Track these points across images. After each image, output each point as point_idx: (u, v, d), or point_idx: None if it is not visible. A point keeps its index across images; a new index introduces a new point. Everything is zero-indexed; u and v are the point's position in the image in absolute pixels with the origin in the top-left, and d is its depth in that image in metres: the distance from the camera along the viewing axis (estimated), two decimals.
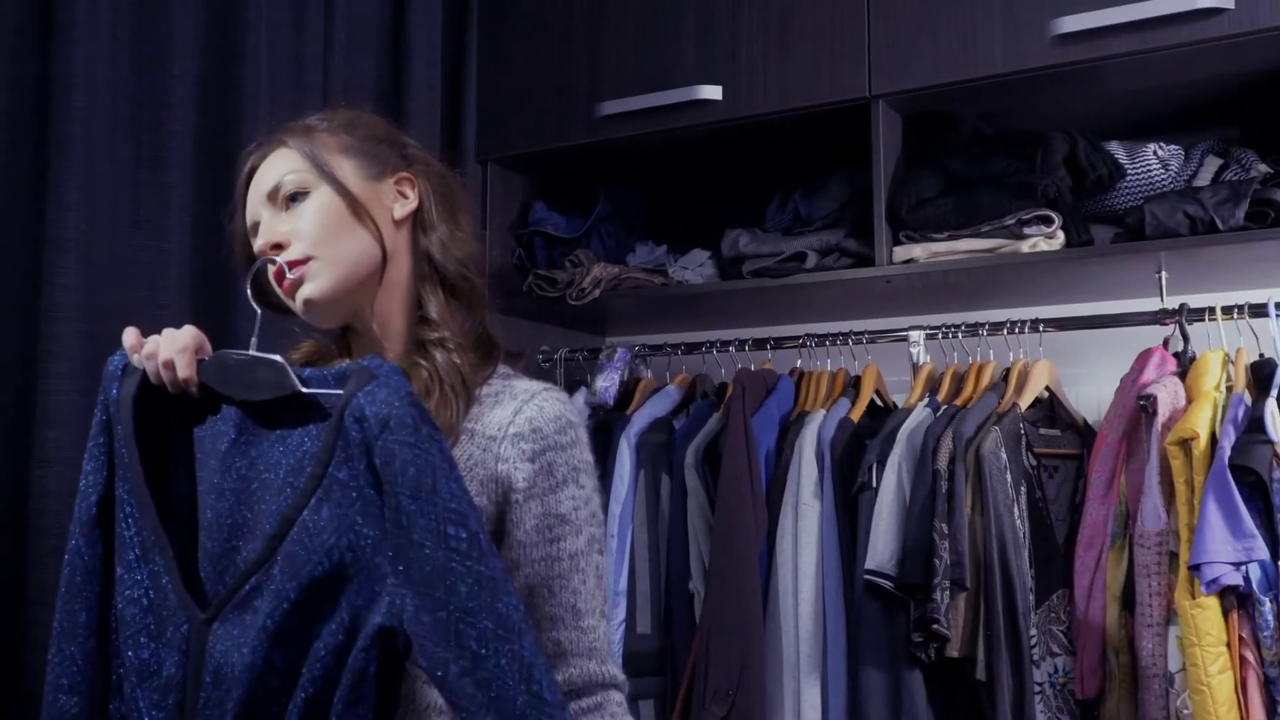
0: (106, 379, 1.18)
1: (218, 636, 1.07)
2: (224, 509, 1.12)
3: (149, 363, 1.15)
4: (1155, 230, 1.84)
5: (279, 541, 1.06)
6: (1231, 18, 1.77)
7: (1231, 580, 1.68)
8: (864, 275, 2.05)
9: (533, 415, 1.23)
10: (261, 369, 1.13)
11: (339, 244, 1.23)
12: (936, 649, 1.85)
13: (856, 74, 2.05)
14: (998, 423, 1.94)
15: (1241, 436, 1.75)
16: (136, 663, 1.09)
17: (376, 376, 1.07)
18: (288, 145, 1.28)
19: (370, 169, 1.28)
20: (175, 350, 1.14)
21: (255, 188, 1.28)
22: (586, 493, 1.23)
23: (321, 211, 1.24)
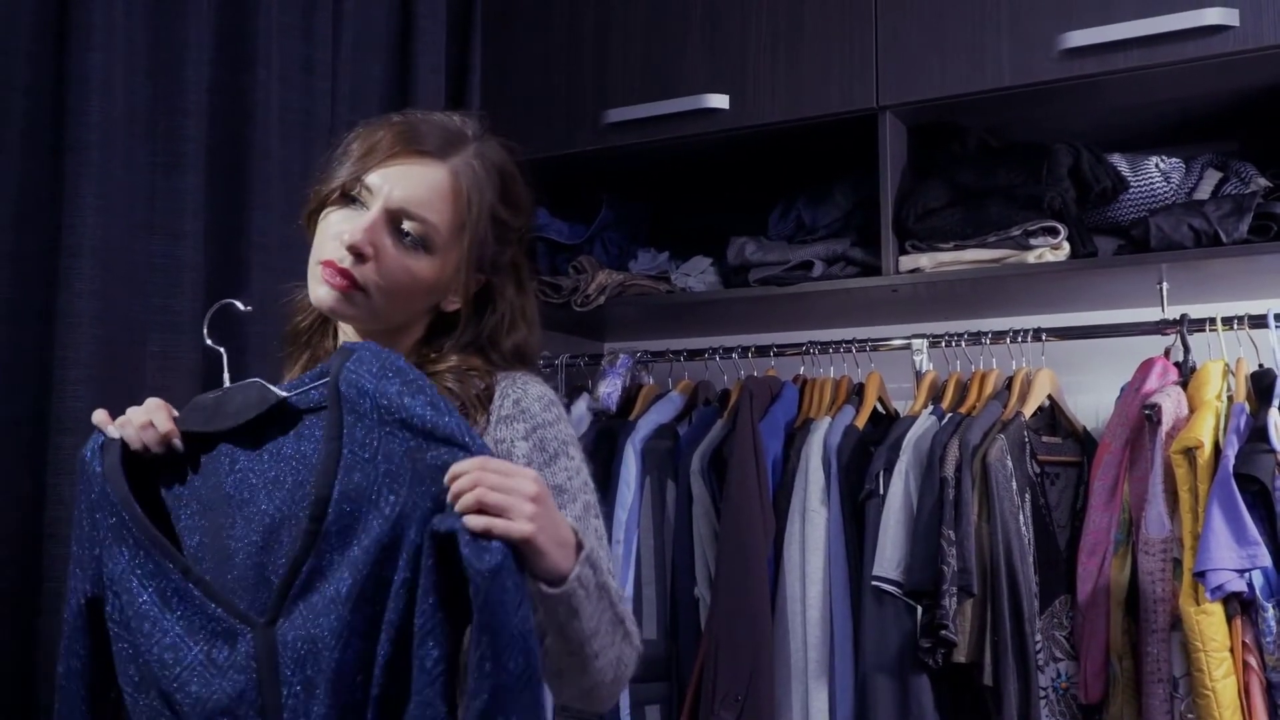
0: (85, 465, 1.18)
1: (285, 630, 1.08)
2: (240, 540, 1.13)
3: (126, 430, 1.16)
4: (1160, 242, 1.88)
5: (321, 520, 1.08)
6: (1236, 35, 1.81)
7: (1236, 587, 1.71)
8: (870, 284, 2.08)
9: (518, 398, 1.27)
10: (239, 394, 1.17)
11: (398, 303, 1.25)
12: (944, 654, 1.87)
13: (864, 85, 2.08)
14: (1003, 431, 1.97)
15: (1245, 446, 1.78)
16: (191, 702, 1.10)
17: (354, 351, 1.12)
18: (458, 181, 1.26)
19: (479, 255, 1.28)
20: (150, 411, 1.17)
21: (399, 179, 1.24)
22: (576, 463, 1.27)
23: (414, 278, 1.24)
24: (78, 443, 1.65)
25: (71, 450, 1.66)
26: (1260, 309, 1.94)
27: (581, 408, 2.40)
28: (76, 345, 1.67)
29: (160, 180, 1.83)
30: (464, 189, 1.26)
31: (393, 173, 1.24)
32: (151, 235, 1.82)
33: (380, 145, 1.25)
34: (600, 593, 1.12)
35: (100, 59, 1.72)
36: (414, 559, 1.04)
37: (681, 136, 2.23)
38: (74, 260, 1.68)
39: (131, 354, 1.75)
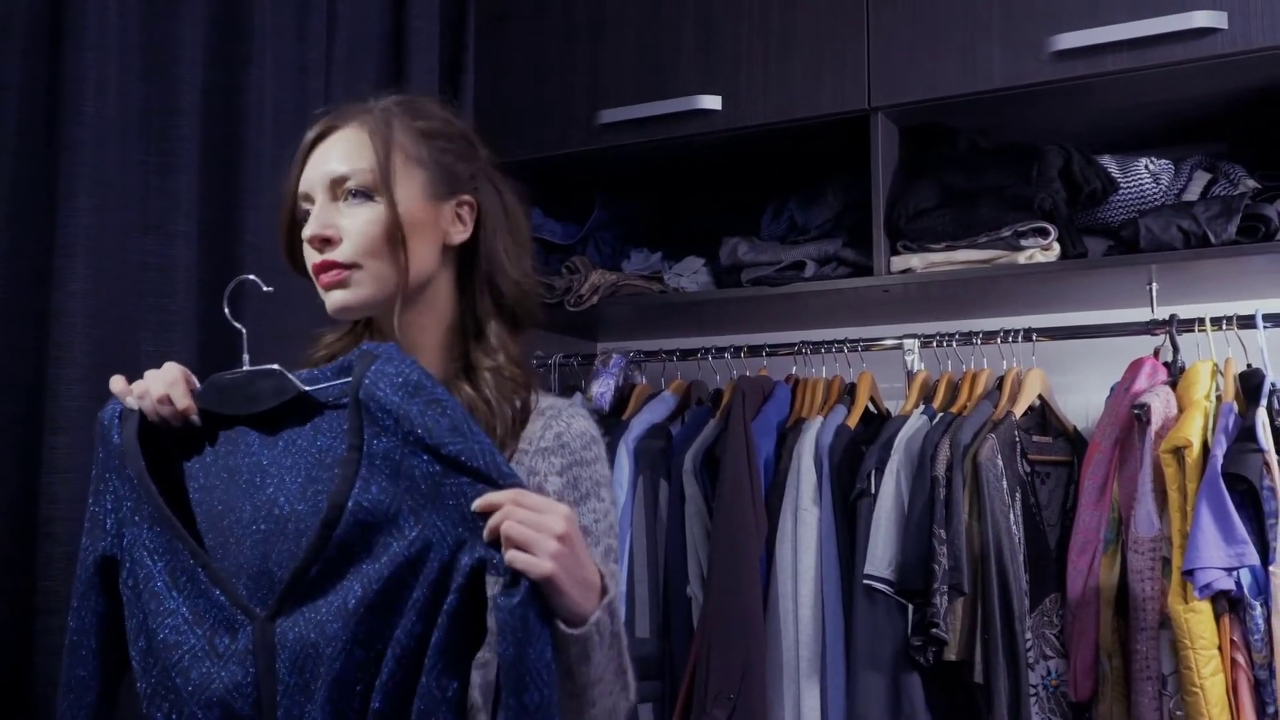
0: (104, 431, 1.18)
1: (286, 629, 1.09)
2: (246, 525, 1.14)
3: (144, 402, 1.17)
4: (1149, 243, 1.89)
5: (333, 528, 1.08)
6: (1225, 37, 1.82)
7: (1224, 585, 1.73)
8: (862, 284, 2.09)
9: (560, 431, 1.26)
10: (259, 381, 1.16)
11: (386, 259, 1.23)
12: (935, 652, 1.88)
13: (856, 86, 2.09)
14: (994, 430, 1.98)
15: (1233, 445, 1.79)
16: (190, 687, 1.11)
17: (379, 355, 1.12)
18: (364, 130, 1.26)
19: (437, 188, 1.27)
20: (167, 384, 1.16)
21: (319, 161, 1.26)
22: (605, 505, 1.27)
23: (379, 223, 1.23)
24: (71, 442, 1.66)
25: (66, 450, 1.67)
26: (1248, 309, 1.96)
27: None
28: (70, 344, 1.67)
29: (154, 180, 1.83)
30: (371, 129, 1.26)
31: (312, 162, 1.27)
32: (146, 235, 1.82)
33: (299, 151, 1.29)
34: (613, 640, 1.13)
35: (94, 59, 1.72)
36: (432, 583, 1.05)
37: (675, 137, 2.24)
38: (68, 260, 1.68)
39: (125, 353, 1.75)
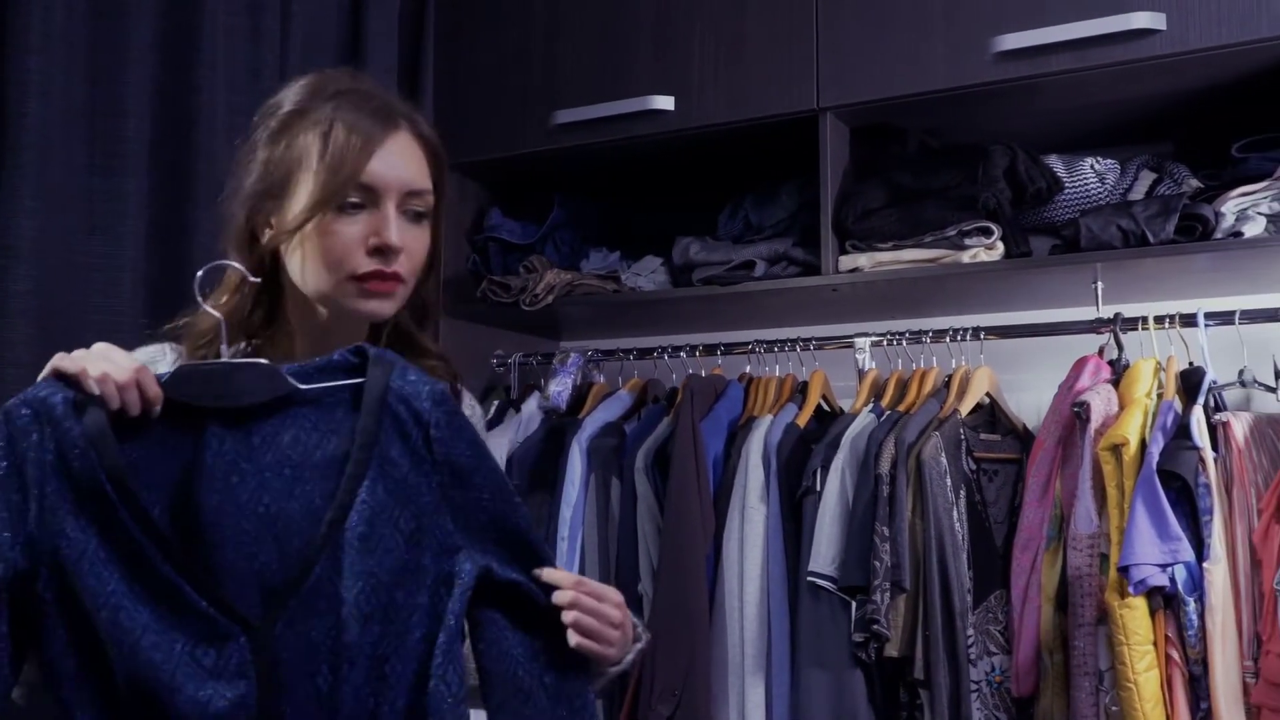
0: (44, 417, 1.04)
1: (288, 636, 1.05)
2: (226, 526, 1.07)
3: (104, 387, 1.05)
4: (1090, 242, 1.90)
5: (338, 528, 1.06)
6: (1164, 38, 1.83)
7: (1158, 581, 1.74)
8: (810, 284, 2.10)
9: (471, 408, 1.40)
10: (243, 373, 1.11)
11: (414, 279, 1.27)
12: (877, 649, 1.89)
13: (805, 87, 2.10)
14: (938, 428, 1.99)
15: (1170, 443, 1.81)
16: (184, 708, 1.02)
17: (394, 363, 1.13)
18: (419, 145, 1.25)
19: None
20: (134, 369, 1.07)
21: (393, 164, 1.21)
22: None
23: (427, 247, 1.26)
24: None
25: None
26: (1192, 308, 1.97)
27: (532, 406, 2.42)
28: (13, 344, 1.69)
29: (99, 181, 1.85)
30: (435, 147, 1.27)
31: (388, 157, 1.22)
32: (91, 236, 1.83)
33: (362, 131, 1.21)
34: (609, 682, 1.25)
35: (39, 61, 1.73)
36: (433, 586, 1.08)
37: (629, 137, 2.26)
38: (12, 260, 1.70)
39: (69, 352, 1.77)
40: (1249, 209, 1.82)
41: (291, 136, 1.23)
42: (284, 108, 1.26)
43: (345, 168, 1.19)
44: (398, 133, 1.23)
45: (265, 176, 1.24)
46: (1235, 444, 1.81)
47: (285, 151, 1.23)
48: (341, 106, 1.22)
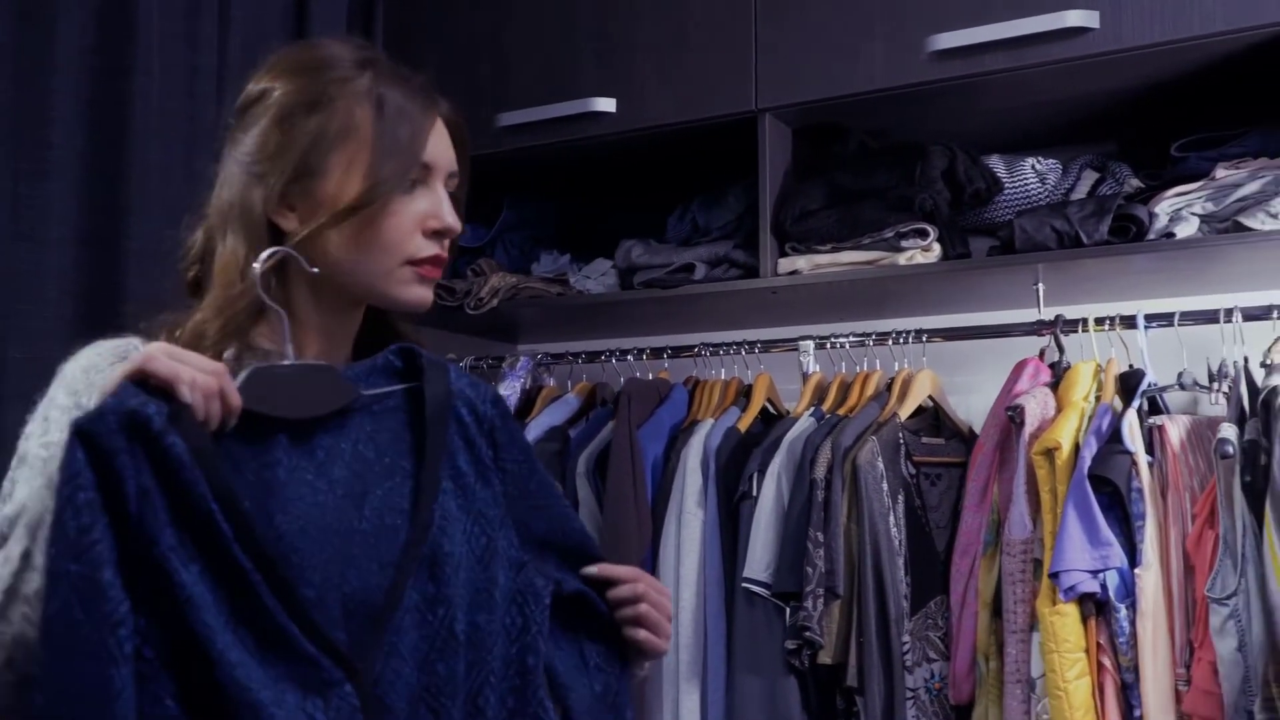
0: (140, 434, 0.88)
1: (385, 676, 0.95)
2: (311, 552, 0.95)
3: (195, 395, 0.92)
4: (1025, 244, 1.88)
5: (417, 550, 0.98)
6: (1097, 37, 1.81)
7: (1088, 588, 1.72)
8: (749, 286, 2.08)
9: None
10: (311, 379, 1.00)
11: None
12: (810, 656, 1.88)
13: (744, 88, 2.08)
14: (876, 432, 1.97)
15: (1103, 447, 1.78)
16: None
17: (449, 369, 1.08)
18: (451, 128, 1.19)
19: None
20: (218, 375, 0.95)
21: (444, 146, 1.16)
22: None
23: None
24: None
25: None
26: (1133, 309, 1.95)
27: None
28: None
29: (24, 188, 1.84)
30: (463, 129, 1.22)
31: (437, 141, 1.15)
32: (16, 242, 1.83)
33: (417, 104, 1.14)
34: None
35: None
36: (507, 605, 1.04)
37: (571, 139, 2.24)
38: None
39: None
40: (1183, 209, 1.80)
41: (328, 107, 1.11)
42: (303, 76, 1.13)
43: (413, 142, 1.11)
44: (439, 118, 1.17)
45: (293, 154, 1.10)
46: (1170, 448, 1.79)
47: (323, 123, 1.11)
48: (380, 76, 1.14)
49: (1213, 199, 1.78)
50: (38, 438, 1.02)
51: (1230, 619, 1.66)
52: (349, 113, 1.11)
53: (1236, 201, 1.75)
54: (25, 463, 1.01)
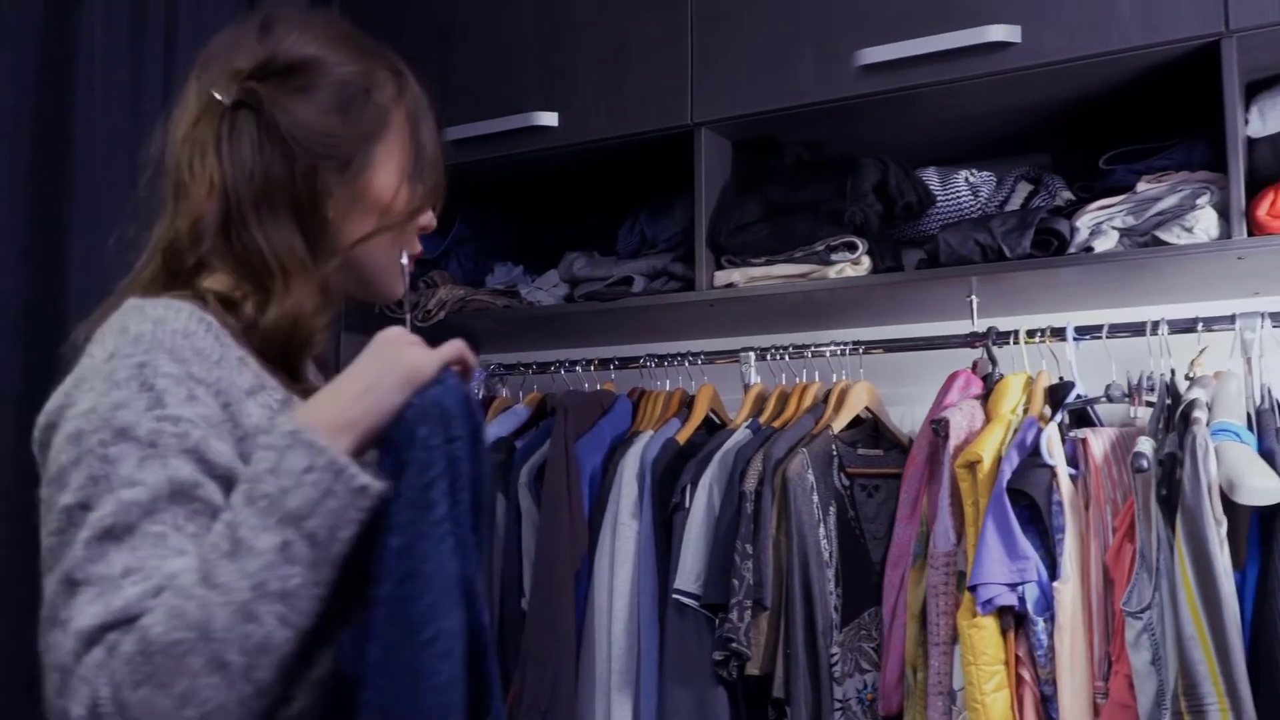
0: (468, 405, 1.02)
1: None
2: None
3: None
4: (949, 257, 1.89)
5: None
6: (1020, 50, 1.81)
7: (1006, 601, 1.73)
8: (685, 299, 2.10)
9: None
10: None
11: None
12: (738, 667, 1.89)
13: (680, 102, 2.10)
14: (808, 444, 1.98)
15: (1024, 460, 1.79)
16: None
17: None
18: None
19: None
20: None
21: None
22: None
23: None
24: None
25: None
26: (1065, 322, 1.95)
27: None
28: None
29: None
30: None
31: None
32: None
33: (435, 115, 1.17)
34: None
35: None
36: None
37: (515, 153, 2.26)
38: None
39: None
40: (1103, 223, 1.80)
41: (380, 96, 1.12)
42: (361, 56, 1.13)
43: (441, 149, 1.17)
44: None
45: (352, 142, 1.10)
46: (1093, 461, 1.79)
47: (378, 114, 1.12)
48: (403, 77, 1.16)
49: (1133, 213, 1.78)
50: (144, 410, 0.92)
51: (1144, 632, 1.66)
52: (396, 106, 1.13)
53: (1155, 215, 1.76)
54: (132, 438, 0.91)
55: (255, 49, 1.08)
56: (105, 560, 0.86)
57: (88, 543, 0.87)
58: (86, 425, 0.92)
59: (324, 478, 0.90)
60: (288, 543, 0.88)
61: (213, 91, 1.06)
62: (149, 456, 0.90)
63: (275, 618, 0.87)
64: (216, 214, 1.05)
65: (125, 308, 1.00)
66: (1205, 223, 1.70)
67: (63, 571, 0.87)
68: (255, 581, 0.86)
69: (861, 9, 1.94)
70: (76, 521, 0.89)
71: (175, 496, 0.90)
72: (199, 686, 0.83)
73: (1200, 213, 1.70)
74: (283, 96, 1.07)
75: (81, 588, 0.86)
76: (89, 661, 0.83)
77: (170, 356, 0.95)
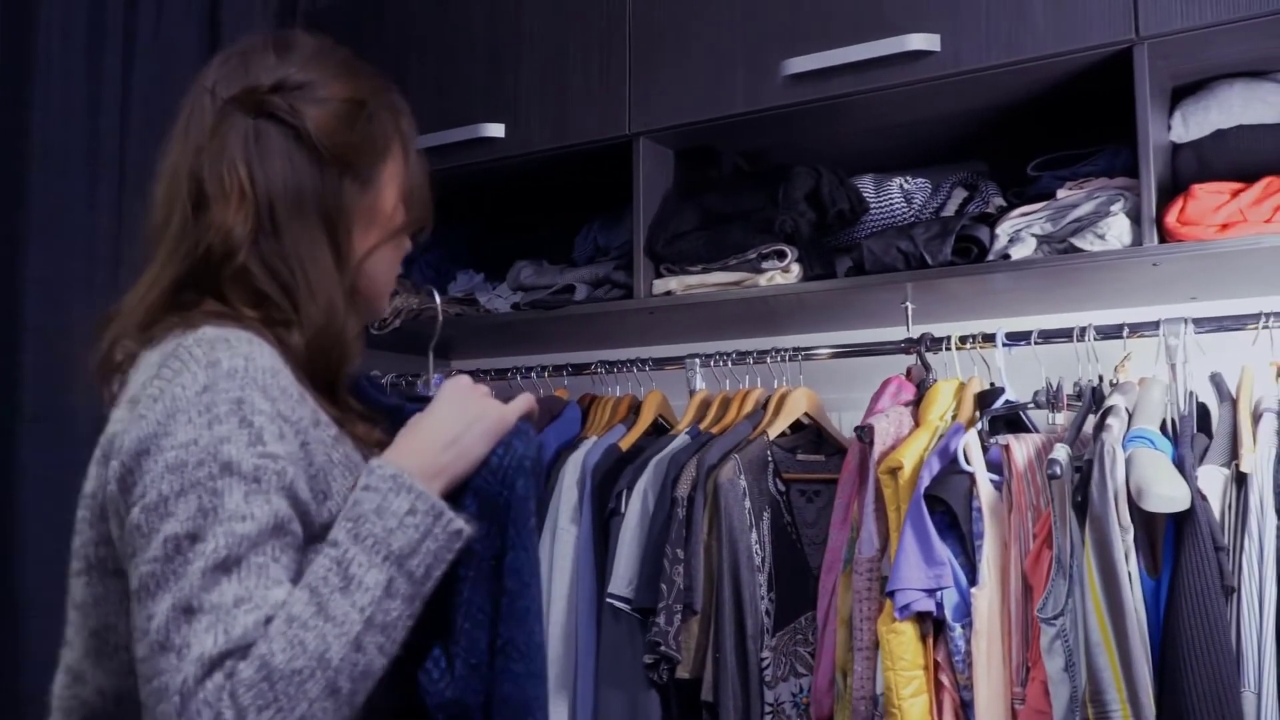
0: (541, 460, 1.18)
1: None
2: None
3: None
4: (873, 265, 1.90)
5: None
6: (938, 59, 1.83)
7: (923, 607, 1.74)
8: (625, 307, 2.13)
9: None
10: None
11: None
12: (669, 670, 1.91)
13: (618, 113, 2.13)
14: (741, 450, 2.00)
15: (946, 466, 1.80)
16: None
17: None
18: None
19: None
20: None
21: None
22: None
23: None
24: None
25: None
26: (996, 328, 1.96)
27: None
28: None
29: None
30: None
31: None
32: None
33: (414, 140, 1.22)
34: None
35: None
36: None
37: (466, 164, 2.30)
38: None
39: None
40: (1023, 230, 1.80)
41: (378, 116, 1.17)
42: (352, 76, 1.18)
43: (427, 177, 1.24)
44: None
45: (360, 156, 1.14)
46: (1015, 467, 1.79)
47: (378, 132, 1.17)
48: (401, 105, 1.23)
49: (1052, 219, 1.79)
50: (246, 446, 0.96)
51: (1058, 638, 1.66)
52: (394, 126, 1.19)
53: (1073, 222, 1.76)
54: (237, 474, 0.95)
55: (275, 65, 1.12)
56: (219, 590, 0.91)
57: (203, 573, 0.91)
58: (190, 457, 0.95)
59: (425, 520, 0.99)
60: (392, 579, 0.96)
61: (235, 104, 1.09)
62: (253, 492, 0.95)
63: (376, 648, 0.95)
64: (246, 228, 1.07)
65: (202, 338, 1.01)
66: (1118, 229, 1.70)
67: (176, 600, 0.91)
68: (366, 615, 0.94)
69: (790, 19, 1.96)
70: (185, 551, 0.93)
71: (275, 531, 0.96)
72: (315, 711, 0.91)
73: (1113, 219, 1.71)
74: (306, 107, 1.11)
75: (198, 615, 0.90)
76: (210, 686, 0.88)
77: (263, 394, 0.99)
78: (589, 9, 2.17)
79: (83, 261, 2.15)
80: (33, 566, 2.00)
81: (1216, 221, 1.63)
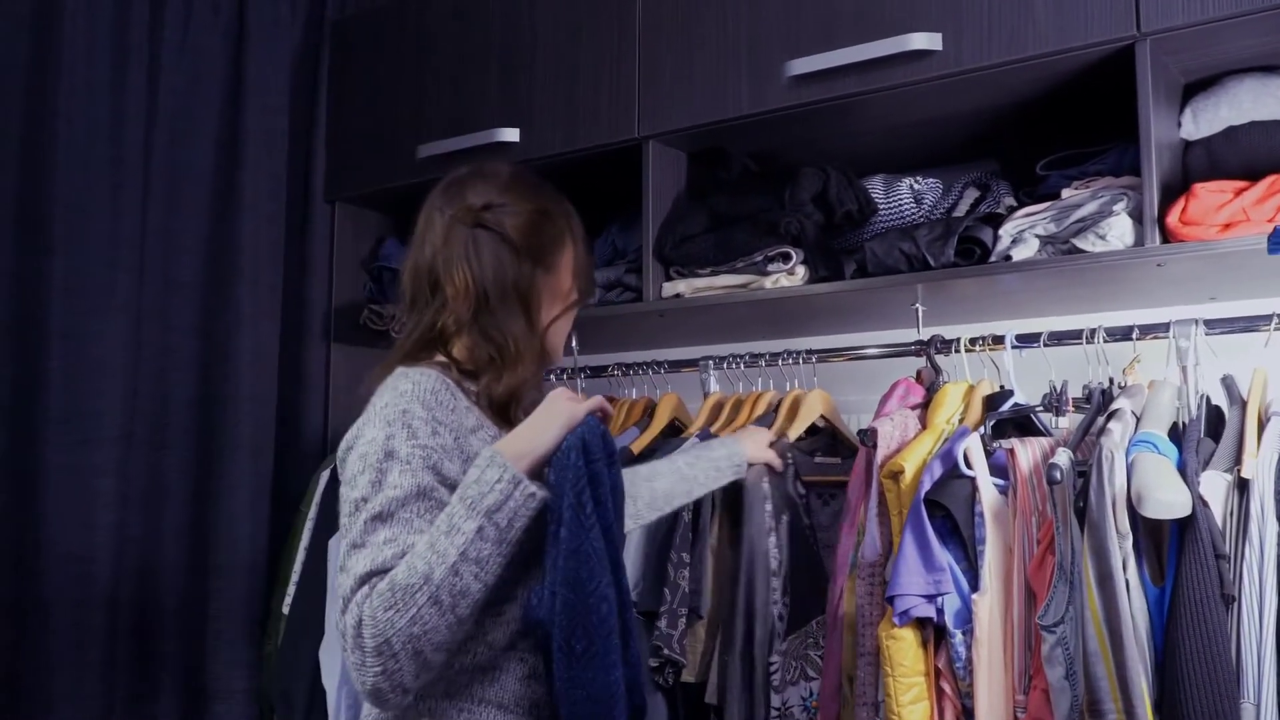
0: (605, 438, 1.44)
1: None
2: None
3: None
4: (876, 267, 1.88)
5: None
6: (940, 59, 1.81)
7: (923, 613, 1.72)
8: (634, 310, 2.13)
9: None
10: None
11: None
12: (674, 673, 1.91)
13: (628, 116, 2.13)
14: None
15: (947, 471, 1.77)
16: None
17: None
18: None
19: None
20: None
21: None
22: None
23: None
24: None
25: None
26: (1007, 330, 1.93)
27: None
28: None
29: None
30: None
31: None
32: None
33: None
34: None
35: None
36: None
37: None
38: None
39: None
40: (1026, 231, 1.78)
41: (557, 220, 1.56)
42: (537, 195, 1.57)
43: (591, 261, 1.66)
44: None
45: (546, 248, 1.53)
46: (1020, 472, 1.76)
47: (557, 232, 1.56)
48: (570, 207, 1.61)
49: (1055, 220, 1.76)
50: (405, 440, 1.36)
51: (1058, 646, 1.63)
52: (567, 226, 1.57)
53: (1076, 222, 1.73)
54: (396, 458, 1.35)
55: (483, 189, 1.53)
56: (375, 534, 1.33)
57: (366, 522, 1.33)
58: (369, 450, 1.37)
59: (508, 487, 1.34)
60: (481, 528, 1.32)
61: (457, 220, 1.50)
62: (405, 470, 1.35)
63: (471, 575, 1.31)
64: (469, 309, 1.48)
65: (397, 373, 1.45)
66: (1119, 230, 1.67)
67: (349, 540, 1.34)
68: (460, 551, 1.30)
69: (793, 21, 1.95)
70: (360, 510, 1.35)
71: (420, 496, 1.35)
72: (423, 614, 1.28)
73: (1115, 219, 1.67)
74: (508, 218, 1.50)
75: (360, 549, 1.33)
76: (359, 594, 1.30)
77: (422, 405, 1.39)
78: (599, 17, 2.19)
79: (107, 270, 2.21)
80: (56, 564, 2.06)
81: (1219, 221, 1.59)
